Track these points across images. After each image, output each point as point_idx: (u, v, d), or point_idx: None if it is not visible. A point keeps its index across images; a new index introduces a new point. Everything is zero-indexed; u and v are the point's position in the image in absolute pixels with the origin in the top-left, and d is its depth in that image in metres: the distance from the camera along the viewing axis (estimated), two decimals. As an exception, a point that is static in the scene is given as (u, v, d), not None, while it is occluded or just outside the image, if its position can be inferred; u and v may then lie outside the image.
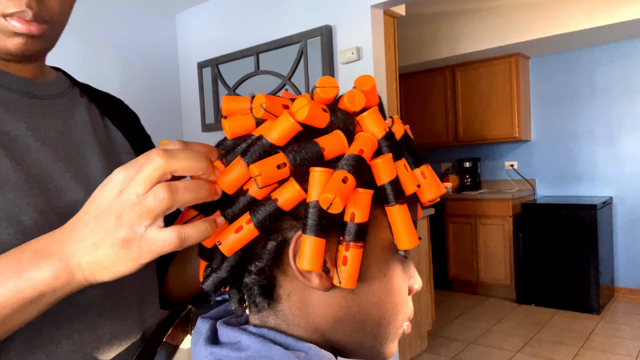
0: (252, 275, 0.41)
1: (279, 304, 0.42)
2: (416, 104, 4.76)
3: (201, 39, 3.29)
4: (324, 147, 0.40)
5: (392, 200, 0.41)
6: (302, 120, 0.39)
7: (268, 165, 0.38)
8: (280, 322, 0.43)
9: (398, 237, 0.42)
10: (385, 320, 0.44)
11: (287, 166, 0.39)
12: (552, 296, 3.85)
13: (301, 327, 0.42)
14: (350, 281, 0.39)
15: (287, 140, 0.40)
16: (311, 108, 0.39)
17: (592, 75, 4.16)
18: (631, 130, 4.01)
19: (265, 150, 0.40)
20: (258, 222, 0.39)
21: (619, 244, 4.11)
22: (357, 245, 0.39)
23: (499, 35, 3.87)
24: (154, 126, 3.67)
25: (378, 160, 0.41)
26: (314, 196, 0.38)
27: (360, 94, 0.43)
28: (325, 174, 0.38)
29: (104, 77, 2.97)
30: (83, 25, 2.88)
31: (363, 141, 0.41)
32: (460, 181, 4.67)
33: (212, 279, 0.43)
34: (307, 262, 0.38)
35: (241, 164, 0.40)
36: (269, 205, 0.39)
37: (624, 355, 2.95)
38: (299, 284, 0.41)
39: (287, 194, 0.39)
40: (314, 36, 2.63)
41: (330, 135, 0.41)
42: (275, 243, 0.40)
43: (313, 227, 0.38)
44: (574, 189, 4.31)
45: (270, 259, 0.40)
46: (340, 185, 0.37)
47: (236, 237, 0.40)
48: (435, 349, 3.16)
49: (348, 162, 0.39)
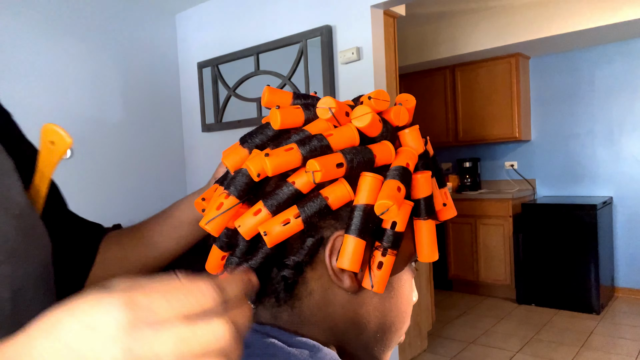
0: (288, 269, 0.41)
1: (297, 300, 0.43)
2: (416, 104, 4.76)
3: (201, 39, 3.29)
4: (376, 154, 0.41)
5: (424, 215, 0.43)
6: (362, 127, 0.41)
7: (329, 162, 0.39)
8: (294, 319, 0.43)
9: (421, 250, 0.43)
10: (395, 327, 0.46)
11: (344, 166, 0.40)
12: (552, 296, 3.85)
13: (316, 325, 0.42)
14: (381, 286, 0.41)
15: (345, 146, 0.41)
16: (373, 117, 0.41)
17: (592, 75, 4.16)
18: (631, 130, 4.01)
19: (323, 147, 0.40)
20: (307, 218, 0.40)
21: (619, 244, 4.11)
22: (393, 252, 0.41)
23: (499, 35, 3.87)
24: (154, 126, 3.70)
25: (420, 175, 0.42)
26: (363, 199, 0.40)
27: (405, 111, 0.45)
28: (375, 180, 0.40)
29: (104, 77, 2.97)
30: (83, 25, 2.88)
31: (408, 155, 0.42)
32: (460, 181, 4.67)
33: (242, 269, 0.42)
34: (347, 261, 0.39)
35: (296, 152, 0.40)
36: (319, 202, 0.40)
37: (624, 355, 2.95)
38: (324, 283, 0.42)
39: (338, 193, 0.40)
40: (314, 36, 2.63)
41: (381, 145, 0.42)
42: (313, 240, 0.41)
43: (358, 228, 0.39)
44: (574, 189, 4.31)
45: (307, 254, 0.41)
46: (396, 193, 0.39)
47: (283, 229, 0.40)
48: (435, 349, 3.16)
49: (399, 172, 0.40)
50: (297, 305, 0.42)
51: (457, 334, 3.42)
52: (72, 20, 2.83)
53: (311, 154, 0.40)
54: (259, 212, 0.40)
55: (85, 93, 2.87)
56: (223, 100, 3.15)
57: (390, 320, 0.45)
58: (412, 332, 2.92)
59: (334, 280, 0.41)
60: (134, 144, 3.15)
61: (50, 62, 2.72)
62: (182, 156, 3.48)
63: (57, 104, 2.74)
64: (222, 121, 3.16)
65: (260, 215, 0.40)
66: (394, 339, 0.46)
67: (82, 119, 2.85)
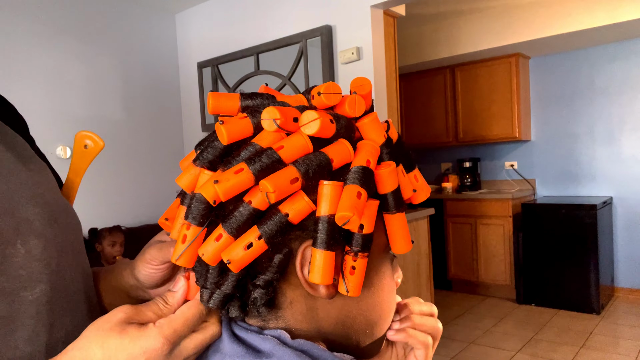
0: (259, 289, 0.40)
1: (280, 310, 0.42)
2: (416, 104, 4.76)
3: (201, 39, 3.29)
4: (332, 157, 0.39)
5: (393, 209, 0.41)
6: (312, 134, 0.39)
7: (281, 180, 0.37)
8: (281, 325, 0.43)
9: (395, 243, 0.42)
10: (382, 318, 0.46)
11: (299, 180, 0.38)
12: (552, 296, 3.85)
13: (304, 331, 0.42)
14: (357, 289, 0.40)
15: (297, 157, 0.39)
16: (322, 122, 0.38)
17: (592, 75, 4.16)
18: (631, 130, 4.01)
19: (274, 162, 0.38)
20: (269, 238, 0.38)
21: (619, 244, 4.11)
22: (363, 255, 0.39)
23: (499, 35, 3.87)
24: (154, 126, 3.70)
25: (383, 170, 0.40)
26: (324, 210, 0.38)
27: (360, 100, 0.42)
28: (335, 187, 0.38)
29: (104, 77, 2.97)
30: (83, 25, 2.88)
31: (368, 150, 0.40)
32: (460, 181, 4.66)
33: (217, 296, 0.41)
34: (319, 276, 0.38)
35: (247, 173, 0.38)
36: (279, 220, 0.38)
37: (624, 355, 2.95)
38: (302, 292, 0.41)
39: (297, 207, 0.38)
40: (314, 36, 2.63)
41: (336, 145, 0.40)
42: (281, 256, 0.39)
43: (325, 241, 0.38)
44: (574, 189, 4.31)
45: (277, 271, 0.40)
46: (355, 201, 0.37)
47: (246, 253, 0.38)
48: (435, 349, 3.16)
49: (358, 175, 0.39)
50: (281, 315, 0.42)
51: (457, 334, 3.42)
52: (72, 20, 2.83)
53: (263, 173, 0.38)
54: (220, 237, 0.39)
55: (85, 93, 2.87)
56: (223, 100, 3.15)
57: (377, 314, 0.45)
58: (412, 332, 2.91)
59: (309, 290, 0.40)
60: (134, 144, 3.15)
61: (50, 62, 2.72)
62: (182, 156, 3.47)
63: (57, 104, 2.74)
64: (222, 121, 3.16)
65: (222, 240, 0.39)
66: (384, 327, 0.47)
67: (82, 119, 2.85)
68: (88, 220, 2.86)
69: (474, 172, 4.61)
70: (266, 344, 0.40)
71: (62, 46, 2.77)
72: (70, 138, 2.78)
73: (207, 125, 3.25)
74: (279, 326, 0.42)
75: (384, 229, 0.43)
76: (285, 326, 0.42)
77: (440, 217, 4.40)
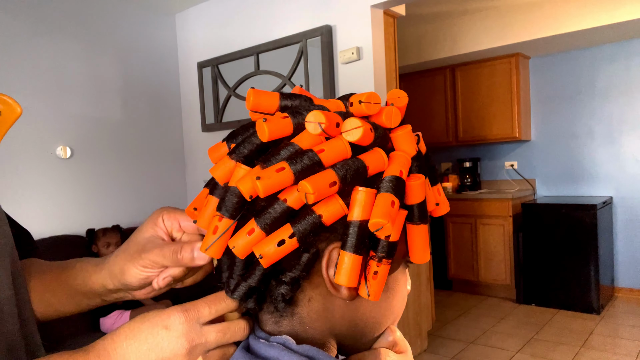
0: (285, 286, 0.41)
1: (297, 307, 0.43)
2: (416, 104, 4.76)
3: (201, 39, 3.29)
4: (368, 165, 0.41)
5: (417, 221, 0.43)
6: (354, 141, 0.40)
7: (321, 182, 0.38)
8: (295, 324, 0.44)
9: (414, 253, 0.44)
10: (391, 321, 0.48)
11: (337, 184, 0.39)
12: (552, 296, 3.85)
13: (317, 330, 0.44)
14: (377, 294, 0.41)
15: (336, 161, 0.40)
16: (364, 130, 0.40)
17: (592, 75, 4.16)
18: (631, 130, 4.01)
19: (314, 164, 0.40)
20: (302, 237, 0.39)
21: (619, 244, 4.11)
22: (387, 262, 0.41)
23: (499, 35, 3.87)
24: (154, 126, 3.70)
25: (413, 182, 0.42)
26: (357, 215, 0.39)
27: (397, 112, 0.44)
28: (369, 194, 0.39)
29: (104, 77, 2.97)
30: (83, 25, 2.88)
31: (401, 162, 0.42)
32: (460, 181, 4.66)
33: (242, 288, 0.43)
34: (345, 278, 0.39)
35: (288, 172, 0.39)
36: (313, 220, 0.39)
37: (624, 355, 2.95)
38: (321, 291, 0.43)
39: (331, 210, 0.39)
40: (314, 36, 2.63)
41: (373, 153, 0.41)
42: (309, 255, 0.40)
43: (354, 245, 0.39)
44: (574, 189, 4.31)
45: (304, 269, 0.41)
46: (390, 209, 0.38)
47: (278, 249, 0.39)
48: (435, 349, 3.16)
49: (393, 184, 0.40)
50: (296, 312, 0.43)
51: (457, 334, 3.42)
52: (72, 20, 2.83)
53: (303, 174, 0.39)
54: (252, 232, 0.40)
55: (85, 93, 2.87)
56: (223, 100, 3.15)
57: (387, 317, 0.47)
58: (412, 332, 2.92)
59: (332, 291, 0.41)
60: (134, 144, 3.15)
61: (50, 62, 2.72)
62: (182, 156, 3.48)
63: (57, 104, 2.74)
64: (222, 121, 3.16)
65: (254, 235, 0.40)
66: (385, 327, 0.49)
67: (82, 119, 2.85)
68: (88, 221, 2.86)
69: (474, 172, 4.61)
70: (272, 350, 0.41)
71: (62, 46, 2.77)
72: (70, 138, 2.78)
73: (207, 125, 3.25)
74: (293, 323, 0.43)
75: (405, 238, 0.44)
76: (298, 324, 0.43)
77: (440, 217, 4.39)
